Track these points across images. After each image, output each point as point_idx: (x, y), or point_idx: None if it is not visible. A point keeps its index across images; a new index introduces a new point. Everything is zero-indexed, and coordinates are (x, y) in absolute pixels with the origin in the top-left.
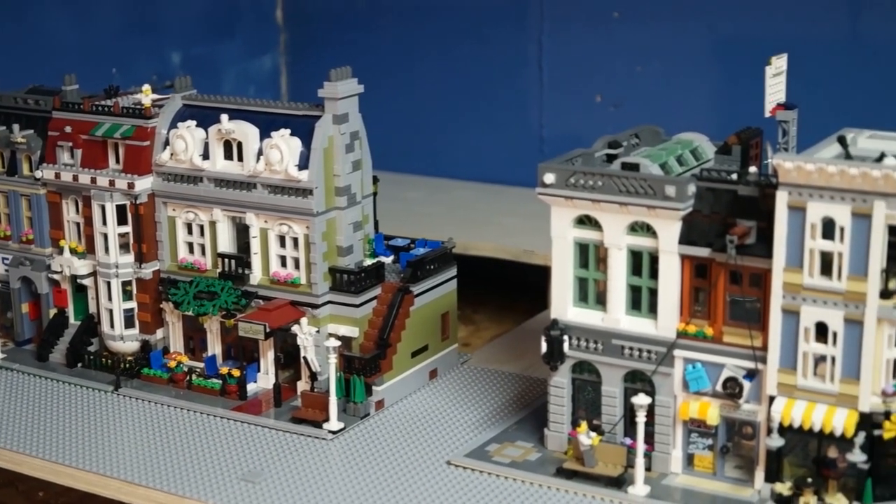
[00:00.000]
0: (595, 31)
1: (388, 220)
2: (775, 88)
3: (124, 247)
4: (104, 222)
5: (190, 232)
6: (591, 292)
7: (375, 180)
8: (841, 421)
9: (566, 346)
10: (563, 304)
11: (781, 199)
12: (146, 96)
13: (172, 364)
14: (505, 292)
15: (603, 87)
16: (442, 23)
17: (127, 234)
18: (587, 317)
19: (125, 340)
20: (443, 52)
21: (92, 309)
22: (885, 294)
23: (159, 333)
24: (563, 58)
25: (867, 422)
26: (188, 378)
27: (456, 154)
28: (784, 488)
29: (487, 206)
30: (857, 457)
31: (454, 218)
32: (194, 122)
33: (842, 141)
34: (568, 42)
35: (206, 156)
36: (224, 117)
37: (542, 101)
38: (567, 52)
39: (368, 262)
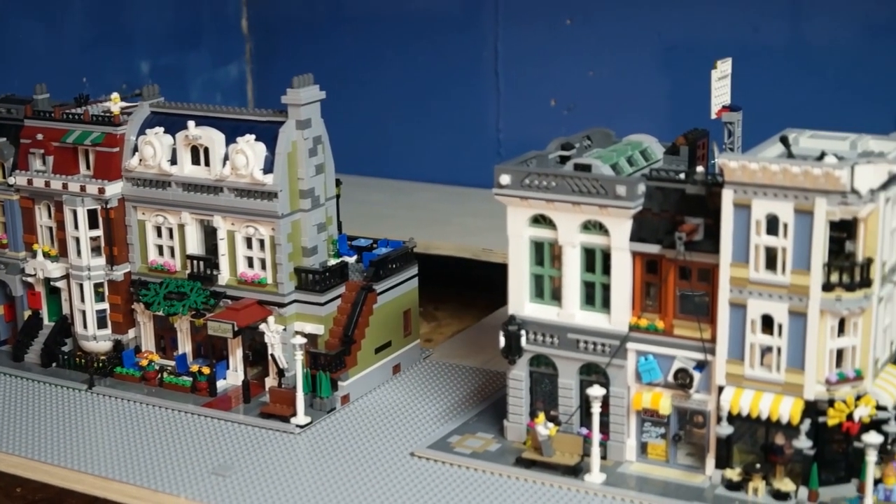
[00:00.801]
0: (548, 37)
1: (352, 221)
2: (721, 91)
3: (96, 250)
4: (76, 226)
5: (159, 235)
6: (547, 288)
7: (338, 183)
8: (787, 409)
9: (523, 340)
10: (520, 300)
11: (727, 197)
12: (115, 104)
13: (144, 363)
14: (465, 289)
15: (557, 92)
16: (401, 31)
17: (98, 237)
18: (543, 312)
19: (98, 340)
20: (403, 60)
21: (65, 310)
22: (828, 287)
23: (131, 333)
24: (518, 64)
25: (812, 409)
26: (160, 376)
27: (416, 157)
28: (734, 474)
29: (447, 207)
30: (803, 443)
31: (415, 219)
32: (162, 129)
33: (784, 141)
34: (522, 49)
35: (173, 161)
36: (191, 124)
37: (498, 105)
38: (522, 58)
39: (332, 261)
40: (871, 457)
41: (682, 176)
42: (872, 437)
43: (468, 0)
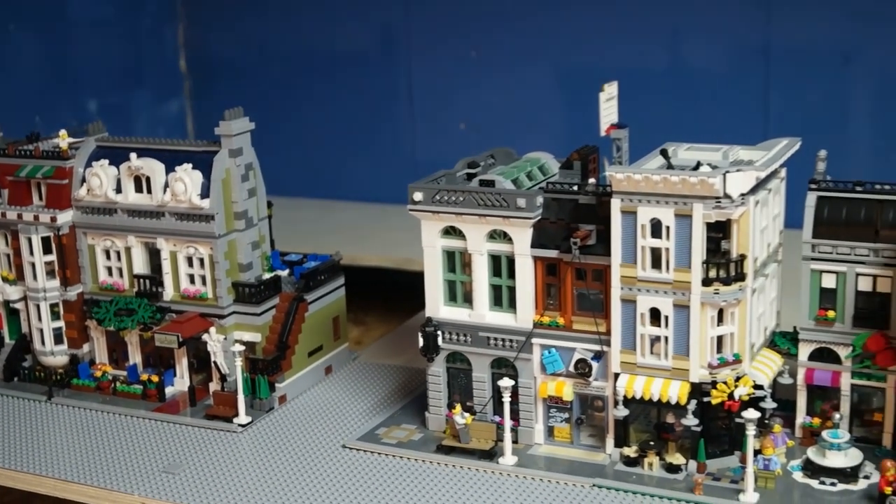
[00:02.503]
0: (456, 67)
1: (284, 238)
2: (608, 111)
3: (50, 273)
4: (31, 252)
5: (108, 257)
6: (459, 293)
7: (269, 204)
8: (675, 391)
9: (440, 340)
10: (436, 304)
11: (615, 205)
12: (63, 140)
13: (98, 374)
14: (390, 296)
15: (465, 116)
16: (325, 66)
17: (52, 261)
18: (457, 314)
19: (55, 355)
20: (327, 92)
21: (24, 329)
22: (706, 282)
23: (85, 347)
24: (429, 91)
25: (697, 391)
26: (113, 385)
27: (341, 178)
28: (631, 451)
29: (371, 223)
30: (691, 421)
31: (342, 234)
32: (107, 161)
33: (664, 153)
34: (433, 78)
35: (118, 190)
36: (133, 155)
37: (413, 129)
38: (433, 86)
39: (266, 275)
40: (751, 431)
41: (576, 188)
42: (751, 414)
43: (383, 37)
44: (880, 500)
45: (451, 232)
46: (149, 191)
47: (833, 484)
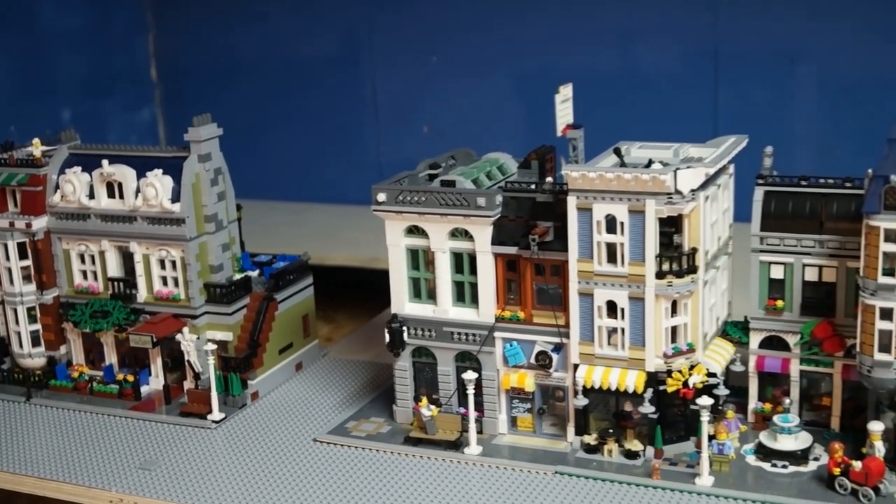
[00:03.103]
0: (418, 73)
1: (254, 240)
2: (564, 112)
3: (27, 278)
4: (7, 258)
5: (83, 261)
6: (423, 289)
7: (239, 207)
8: (632, 380)
9: (406, 335)
10: (401, 301)
11: (571, 202)
12: (37, 149)
13: (75, 374)
14: (359, 294)
15: (428, 119)
16: (292, 73)
17: (28, 266)
18: (421, 310)
19: (33, 357)
20: (294, 98)
21: (2, 332)
22: (660, 275)
23: (62, 349)
24: (393, 97)
25: (653, 380)
26: (90, 385)
27: (309, 181)
28: (591, 439)
29: (338, 224)
30: (648, 409)
31: (310, 235)
32: (80, 168)
33: (617, 152)
34: (397, 84)
35: (91, 196)
36: (105, 162)
37: (378, 133)
38: (396, 92)
39: (237, 276)
40: (705, 417)
41: (533, 186)
42: (705, 401)
43: (348, 45)
44: (829, 481)
45: (414, 231)
46: (121, 196)
47: (784, 466)
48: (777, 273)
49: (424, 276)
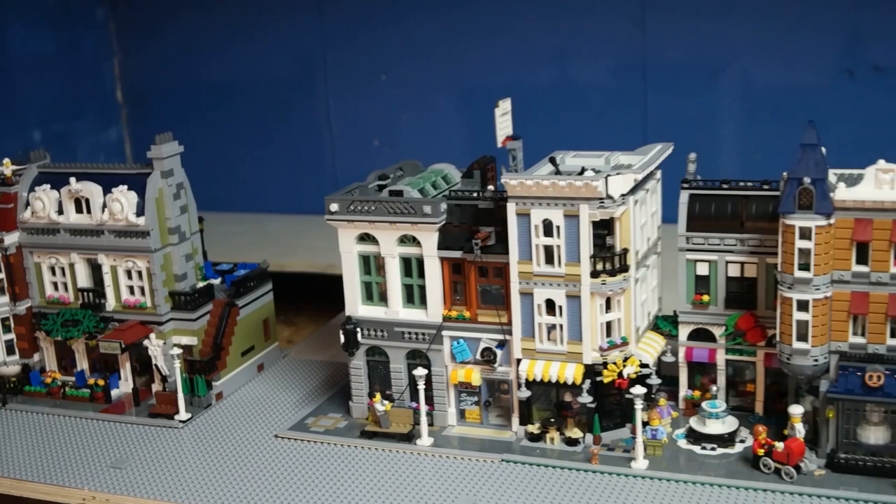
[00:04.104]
0: (368, 91)
1: (215, 249)
2: (504, 124)
3: (0, 290)
4: None
5: (53, 273)
6: (375, 292)
7: (201, 219)
8: (571, 373)
9: (359, 336)
10: (354, 304)
11: (511, 208)
12: (7, 168)
13: (49, 380)
14: (317, 298)
15: (379, 134)
16: (251, 93)
17: (2, 279)
18: (374, 312)
19: (8, 365)
20: (253, 115)
21: None
22: (594, 274)
23: (36, 357)
24: (346, 114)
25: (591, 371)
26: (63, 390)
27: (268, 193)
28: (534, 428)
29: (297, 233)
30: (586, 399)
31: (270, 244)
32: (49, 186)
33: (553, 161)
34: (349, 101)
35: (60, 211)
36: (72, 179)
37: (333, 147)
38: (349, 109)
39: (200, 284)
40: (639, 405)
41: (476, 194)
42: (639, 390)
43: (302, 66)
44: (754, 461)
45: (365, 238)
46: (88, 211)
47: (713, 448)
48: (702, 270)
49: (376, 280)
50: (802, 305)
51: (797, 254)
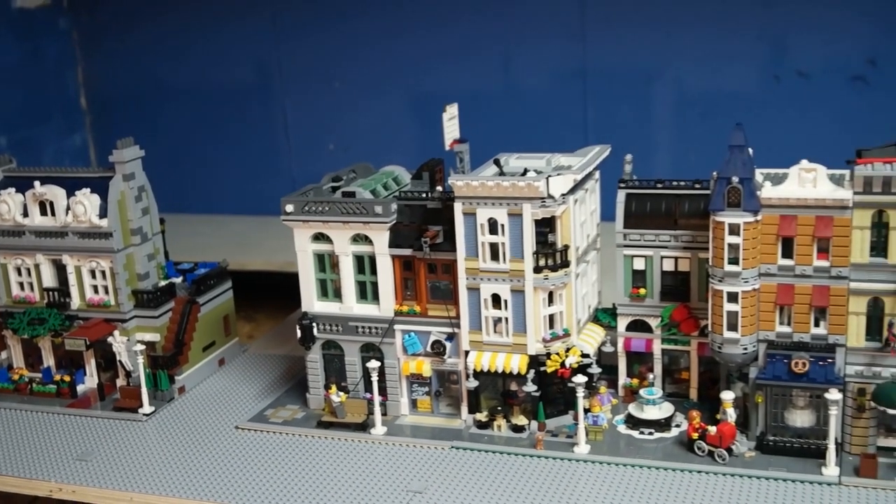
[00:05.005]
0: (323, 97)
1: (177, 249)
2: (451, 128)
3: None
4: None
5: (20, 274)
6: (330, 289)
7: (162, 221)
8: (517, 363)
9: (315, 330)
10: (310, 300)
11: (458, 208)
12: None
13: (16, 377)
14: (276, 295)
15: (333, 137)
16: (210, 99)
17: None
18: (329, 307)
19: None
20: (212, 119)
21: None
22: (537, 269)
23: (3, 354)
24: (302, 118)
25: (535, 362)
26: (30, 386)
27: (228, 195)
28: (482, 416)
29: (255, 233)
30: (531, 388)
31: (230, 244)
32: (14, 189)
33: (497, 162)
34: (305, 107)
35: (25, 214)
36: (37, 183)
37: (290, 151)
38: (305, 114)
39: (162, 283)
40: (581, 393)
41: (425, 195)
42: (580, 379)
43: (260, 73)
44: (689, 445)
45: (320, 237)
46: (53, 214)
47: (651, 433)
48: (639, 265)
49: (330, 277)
50: (732, 297)
51: (727, 249)
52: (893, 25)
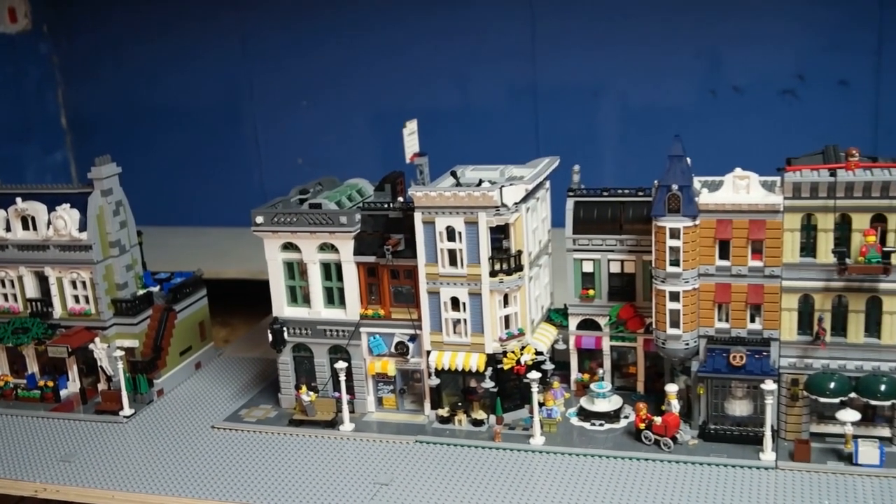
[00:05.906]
0: (292, 115)
1: (154, 260)
2: (411, 143)
3: None
4: None
5: (3, 285)
6: (299, 295)
7: (140, 233)
8: (475, 361)
9: (286, 334)
10: (281, 305)
11: (418, 218)
12: None
13: (1, 383)
14: (250, 302)
15: (302, 153)
16: (184, 118)
17: None
18: (298, 312)
19: None
20: (187, 139)
21: None
22: (493, 274)
23: None
24: (272, 135)
25: (492, 360)
26: (15, 392)
27: (201, 208)
28: (444, 412)
29: (230, 243)
30: (489, 384)
31: (205, 254)
32: None
33: (454, 174)
34: (275, 124)
35: (8, 229)
36: (19, 199)
37: (261, 166)
38: (275, 131)
39: (140, 292)
40: (535, 388)
41: (387, 206)
42: (535, 375)
43: (232, 94)
44: (637, 435)
45: (288, 247)
46: (34, 228)
47: (601, 424)
48: (588, 268)
49: (299, 283)
50: (674, 296)
51: (668, 251)
52: (820, 43)
